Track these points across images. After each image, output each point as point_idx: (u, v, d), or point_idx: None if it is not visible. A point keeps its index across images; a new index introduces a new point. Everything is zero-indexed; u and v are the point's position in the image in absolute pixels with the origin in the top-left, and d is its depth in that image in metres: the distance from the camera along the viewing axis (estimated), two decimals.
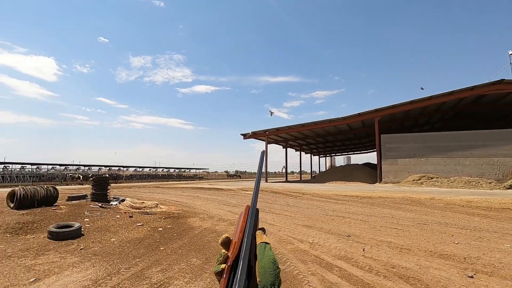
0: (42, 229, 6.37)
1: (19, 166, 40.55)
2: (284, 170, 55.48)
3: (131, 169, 64.98)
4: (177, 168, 77.20)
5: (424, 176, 21.44)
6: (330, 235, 6.17)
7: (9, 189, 9.04)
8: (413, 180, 21.20)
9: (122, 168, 61.41)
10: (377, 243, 5.45)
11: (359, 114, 24.92)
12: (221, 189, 20.18)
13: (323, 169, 60.99)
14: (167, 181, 46.91)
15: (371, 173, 30.21)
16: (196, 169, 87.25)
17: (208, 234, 6.49)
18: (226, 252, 0.54)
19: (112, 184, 11.70)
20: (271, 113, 38.31)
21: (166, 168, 74.59)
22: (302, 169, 51.62)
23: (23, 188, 8.21)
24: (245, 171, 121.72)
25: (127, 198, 10.77)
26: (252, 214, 0.57)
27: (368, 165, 38.58)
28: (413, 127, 32.66)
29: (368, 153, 60.12)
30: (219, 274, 0.51)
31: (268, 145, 32.68)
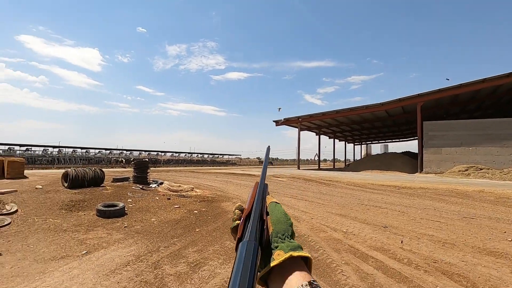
0: (91, 207, 6.98)
1: (71, 150, 44.60)
2: (316, 158, 54.53)
3: (168, 154, 68.27)
4: (211, 154, 79.58)
5: (472, 166, 19.73)
6: (365, 225, 5.97)
7: (63, 171, 9.98)
8: (458, 171, 19.63)
9: (160, 153, 64.81)
10: (417, 236, 5.16)
11: (399, 100, 23.39)
12: (253, 175, 20.45)
13: (358, 157, 58.90)
14: (201, 166, 48.66)
15: (411, 162, 28.52)
16: (229, 155, 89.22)
17: None
18: (239, 211, 0.56)
19: (151, 168, 12.39)
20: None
21: (200, 153, 77.26)
22: (335, 157, 50.33)
23: (74, 169, 9.02)
24: (277, 158, 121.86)
25: (165, 181, 11.36)
26: (261, 185, 0.58)
27: (407, 154, 36.45)
28: (460, 113, 29.96)
29: (408, 142, 56.63)
30: (234, 230, 0.54)
31: (300, 132, 32.19)
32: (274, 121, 32.20)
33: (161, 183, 10.96)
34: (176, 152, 70.61)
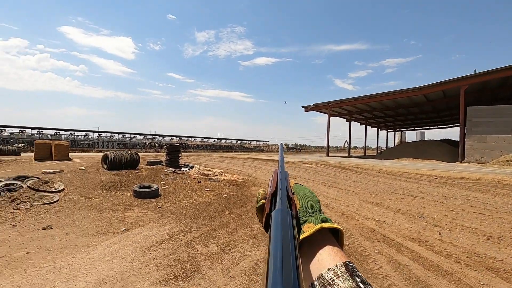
0: (128, 188, 7.40)
1: (109, 134, 47.51)
2: (346, 145, 52.99)
3: (198, 140, 70.20)
4: (239, 140, 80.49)
5: None
6: (400, 214, 5.72)
7: (102, 154, 10.63)
8: (506, 161, 18.00)
9: (190, 139, 66.83)
10: (458, 228, 4.84)
11: (439, 83, 21.67)
12: None
13: (391, 145, 56.27)
14: (230, 151, 49.50)
15: (451, 151, 26.65)
16: (256, 141, 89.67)
17: None
18: (264, 190, 0.55)
19: (182, 153, 12.81)
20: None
21: (228, 139, 78.48)
22: (367, 144, 48.51)
23: (112, 152, 9.58)
24: (305, 145, 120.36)
25: (195, 166, 11.72)
26: (282, 171, 0.58)
27: (446, 141, 34.08)
28: (511, 98, 27.16)
29: (447, 129, 52.83)
30: (260, 209, 0.53)
31: (330, 118, 31.29)
32: (303, 106, 31.56)
33: (192, 167, 11.31)
34: (205, 138, 72.38)
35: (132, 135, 51.41)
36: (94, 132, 46.03)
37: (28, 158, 13.16)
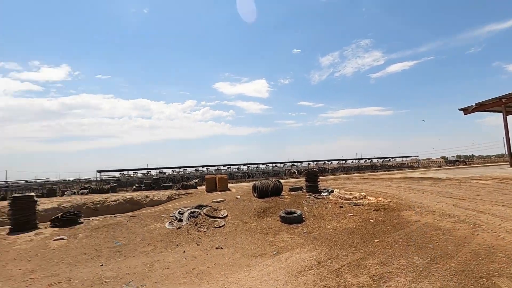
0: (275, 213, 8.10)
1: (255, 166, 54.30)
2: None
3: (335, 162, 68.80)
4: (380, 158, 73.09)
5: None
6: None
7: (251, 183, 12.19)
8: None
9: (326, 162, 66.49)
10: None
11: None
12: (439, 178, 16.88)
13: None
14: (371, 171, 45.49)
15: None
16: (402, 157, 78.64)
17: (430, 230, 5.61)
18: None
19: (320, 177, 12.93)
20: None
21: (368, 158, 72.74)
22: None
23: (260, 182, 10.89)
24: (472, 155, 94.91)
25: (335, 189, 11.50)
26: None
27: None
28: None
29: None
30: None
31: (507, 116, 23.72)
32: (460, 109, 25.59)
33: (332, 191, 11.16)
34: (342, 160, 70.11)
35: (274, 164, 56.57)
36: (243, 165, 53.86)
37: (202, 190, 16.82)
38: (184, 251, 5.62)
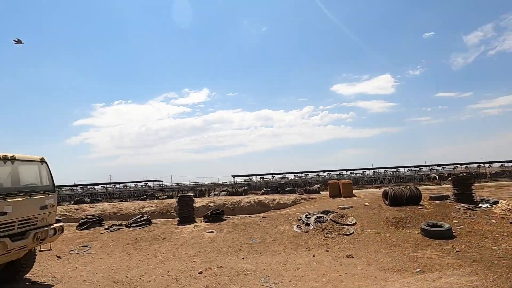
0: (413, 225, 7.05)
1: (383, 170, 49.01)
2: None
3: (495, 165, 53.41)
4: None
5: None
6: None
7: (378, 190, 11.09)
8: None
9: (482, 165, 52.47)
10: None
11: None
12: None
13: None
14: None
15: None
16: None
17: None
18: None
19: (474, 183, 10.38)
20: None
21: None
22: None
23: (391, 188, 9.77)
24: None
25: (500, 200, 8.92)
26: None
27: None
28: None
29: None
30: None
31: None
32: None
33: (495, 202, 8.71)
34: (506, 161, 53.64)
35: (406, 168, 49.44)
36: (369, 169, 49.65)
37: (325, 195, 16.61)
38: (314, 255, 5.70)
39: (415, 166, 50.07)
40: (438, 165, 50.71)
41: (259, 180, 46.06)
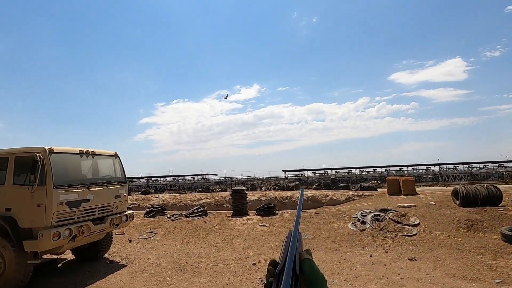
0: (492, 229, 6.17)
1: (452, 166, 43.71)
2: None
3: None
4: None
5: None
6: None
7: (446, 188, 9.94)
8: None
9: None
10: None
11: None
12: None
13: None
14: None
15: None
16: None
17: None
18: (273, 267, 0.49)
19: None
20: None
21: None
22: None
23: (463, 186, 8.66)
24: None
25: None
26: (294, 236, 0.50)
27: None
28: None
29: None
30: (268, 286, 0.48)
31: None
32: None
33: None
34: None
35: (481, 164, 43.36)
36: (434, 165, 44.81)
37: (382, 192, 15.52)
38: (371, 255, 5.39)
39: (493, 162, 43.66)
40: None
41: (310, 175, 45.21)
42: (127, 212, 5.73)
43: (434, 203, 8.95)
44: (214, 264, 5.36)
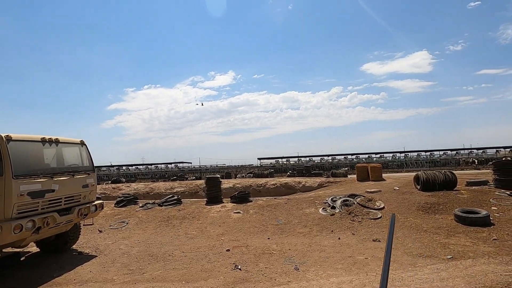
0: (447, 211, 6.75)
1: (415, 154, 46.71)
2: None
3: None
4: None
5: None
6: None
7: (409, 174, 10.65)
8: None
9: None
10: None
11: None
12: None
13: None
14: None
15: None
16: None
17: None
18: None
19: None
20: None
21: None
22: None
23: (424, 172, 9.33)
24: None
25: None
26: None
27: None
28: None
29: None
30: None
31: None
32: None
33: None
34: None
35: (441, 152, 46.71)
36: (400, 152, 47.53)
37: (352, 179, 16.28)
38: (339, 238, 5.70)
39: (451, 150, 47.20)
40: (478, 149, 47.40)
41: (285, 162, 46.08)
42: (96, 202, 5.54)
43: (398, 188, 9.56)
44: (188, 251, 5.38)
